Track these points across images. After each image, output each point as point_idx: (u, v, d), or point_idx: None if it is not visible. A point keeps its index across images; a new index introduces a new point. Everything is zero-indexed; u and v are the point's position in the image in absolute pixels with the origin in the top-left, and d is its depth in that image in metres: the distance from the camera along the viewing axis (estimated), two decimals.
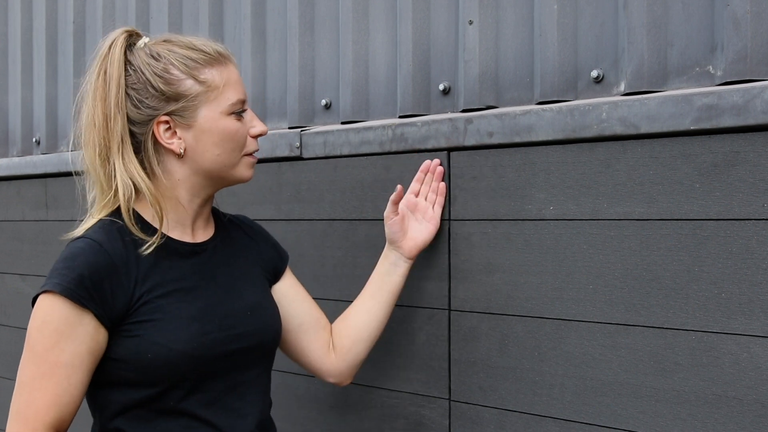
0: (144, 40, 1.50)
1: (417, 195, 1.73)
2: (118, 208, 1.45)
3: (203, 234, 1.55)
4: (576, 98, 1.64)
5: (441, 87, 1.84)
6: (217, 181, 1.51)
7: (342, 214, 1.93)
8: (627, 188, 1.48)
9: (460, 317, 1.72)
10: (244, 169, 1.52)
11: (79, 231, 1.46)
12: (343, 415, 1.94)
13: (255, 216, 1.96)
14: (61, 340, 1.36)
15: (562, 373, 1.57)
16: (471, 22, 1.77)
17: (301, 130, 2.04)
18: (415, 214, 1.71)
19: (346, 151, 1.92)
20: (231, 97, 1.47)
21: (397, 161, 1.82)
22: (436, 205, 1.72)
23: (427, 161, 1.73)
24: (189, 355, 1.41)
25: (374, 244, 1.82)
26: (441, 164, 1.73)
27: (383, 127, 1.85)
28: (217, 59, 1.47)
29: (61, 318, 1.36)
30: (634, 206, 1.48)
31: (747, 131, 1.35)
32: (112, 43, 1.48)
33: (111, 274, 1.39)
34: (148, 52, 1.47)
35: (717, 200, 1.38)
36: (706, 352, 1.40)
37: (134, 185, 1.44)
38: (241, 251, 1.62)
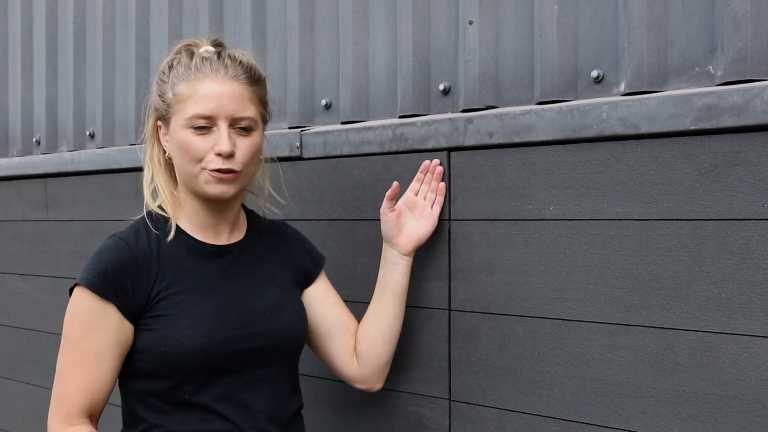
0: (199, 51, 1.56)
1: (416, 194, 1.74)
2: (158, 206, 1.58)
3: (231, 237, 1.62)
4: (576, 98, 1.64)
5: (441, 87, 1.84)
6: (196, 190, 1.56)
7: (342, 214, 1.93)
8: (627, 188, 1.48)
9: (460, 317, 1.72)
10: (204, 184, 1.52)
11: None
12: (343, 415, 1.94)
13: None
14: (91, 331, 1.47)
15: (562, 373, 1.57)
16: (471, 22, 1.77)
17: (301, 130, 2.04)
18: (413, 212, 1.72)
19: (346, 151, 1.92)
20: (189, 111, 1.51)
21: (397, 161, 1.82)
22: (435, 204, 1.72)
23: (427, 161, 1.74)
24: (201, 351, 1.47)
25: (374, 244, 1.82)
26: (441, 164, 1.73)
27: (383, 127, 1.85)
28: (193, 74, 1.53)
29: (88, 310, 1.47)
30: (634, 206, 1.48)
31: (747, 131, 1.35)
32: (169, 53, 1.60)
33: (132, 270, 1.49)
34: (170, 62, 1.56)
35: (717, 200, 1.38)
36: (706, 352, 1.40)
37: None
38: (270, 254, 1.67)
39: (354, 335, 1.72)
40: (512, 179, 1.64)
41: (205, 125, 1.50)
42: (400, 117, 1.90)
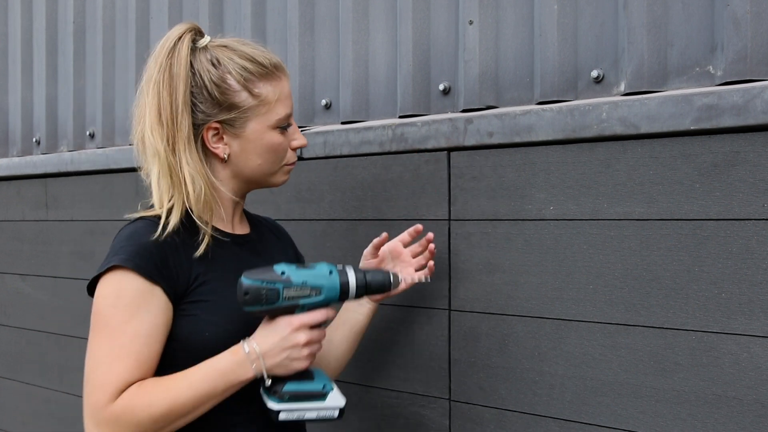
0: (205, 40, 1.50)
1: (405, 246, 1.70)
2: (170, 209, 1.45)
3: (241, 228, 1.61)
4: (576, 98, 1.64)
5: (441, 87, 1.84)
6: (254, 184, 1.57)
7: (342, 214, 1.93)
8: (627, 188, 1.49)
9: (460, 317, 1.72)
10: (280, 177, 1.57)
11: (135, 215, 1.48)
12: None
13: None
14: (139, 312, 1.37)
15: (562, 373, 1.57)
16: (471, 22, 1.77)
17: (301, 130, 2.04)
18: (395, 262, 1.70)
19: (346, 151, 1.92)
20: (280, 112, 1.50)
21: (397, 161, 1.82)
22: (418, 274, 1.67)
23: (419, 226, 1.69)
24: (243, 335, 1.42)
25: None
26: (432, 240, 1.68)
27: (383, 127, 1.85)
28: (272, 73, 1.49)
29: (136, 291, 1.37)
30: (634, 206, 1.48)
31: (747, 131, 1.35)
32: (178, 40, 1.47)
33: (174, 251, 1.42)
34: (209, 57, 1.47)
35: (717, 200, 1.38)
36: (706, 352, 1.40)
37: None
38: (274, 247, 1.67)
39: None
40: (512, 179, 1.64)
41: (288, 124, 1.53)
42: (400, 117, 1.90)
